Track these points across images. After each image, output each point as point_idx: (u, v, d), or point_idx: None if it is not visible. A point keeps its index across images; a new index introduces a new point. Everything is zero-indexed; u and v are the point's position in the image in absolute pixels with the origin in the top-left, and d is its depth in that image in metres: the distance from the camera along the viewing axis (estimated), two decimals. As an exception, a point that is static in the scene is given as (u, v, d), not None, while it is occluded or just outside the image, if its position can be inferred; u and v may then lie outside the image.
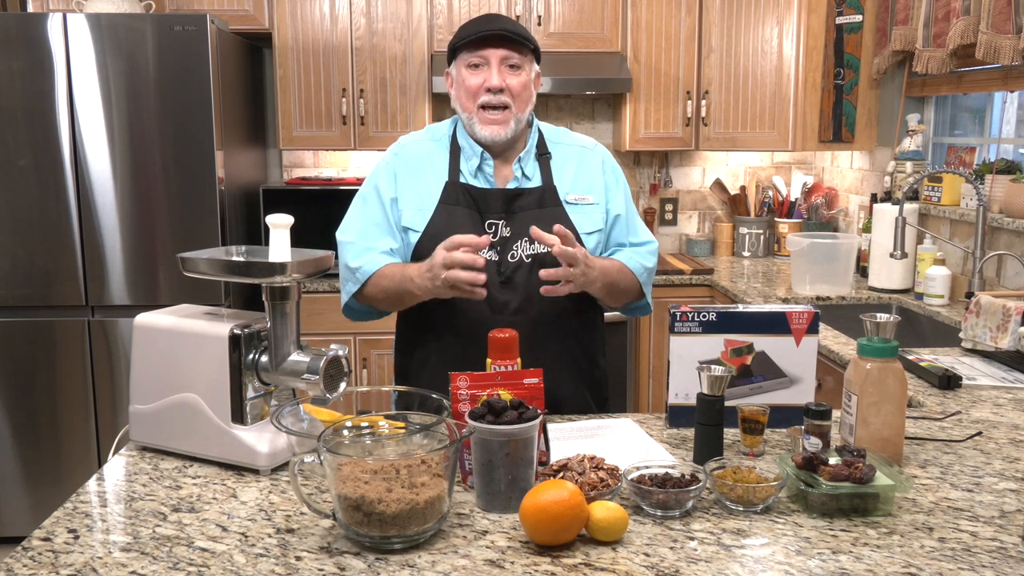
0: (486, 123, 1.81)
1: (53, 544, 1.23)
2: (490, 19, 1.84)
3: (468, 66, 1.82)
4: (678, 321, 1.66)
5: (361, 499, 1.17)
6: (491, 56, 1.79)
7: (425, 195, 1.85)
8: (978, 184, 2.84)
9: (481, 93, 1.80)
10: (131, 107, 3.20)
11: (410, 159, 1.89)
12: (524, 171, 1.86)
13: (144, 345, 1.55)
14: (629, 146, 3.91)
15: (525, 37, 1.82)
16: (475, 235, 1.67)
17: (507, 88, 1.79)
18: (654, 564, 1.16)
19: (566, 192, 1.87)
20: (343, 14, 3.71)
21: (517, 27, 1.83)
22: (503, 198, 1.83)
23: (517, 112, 1.82)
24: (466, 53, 1.81)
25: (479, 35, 1.79)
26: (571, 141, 1.95)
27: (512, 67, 1.81)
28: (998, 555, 1.19)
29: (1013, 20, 2.65)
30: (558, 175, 1.88)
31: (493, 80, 1.78)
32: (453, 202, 1.83)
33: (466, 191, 1.84)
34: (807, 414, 1.50)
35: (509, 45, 1.80)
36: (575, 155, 1.92)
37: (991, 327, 2.27)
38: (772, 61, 3.85)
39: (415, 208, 1.85)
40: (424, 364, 1.88)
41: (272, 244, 1.46)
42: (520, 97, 1.81)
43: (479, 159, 1.84)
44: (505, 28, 1.79)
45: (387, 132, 3.78)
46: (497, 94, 1.79)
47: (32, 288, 3.28)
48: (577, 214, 1.86)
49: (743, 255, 4.23)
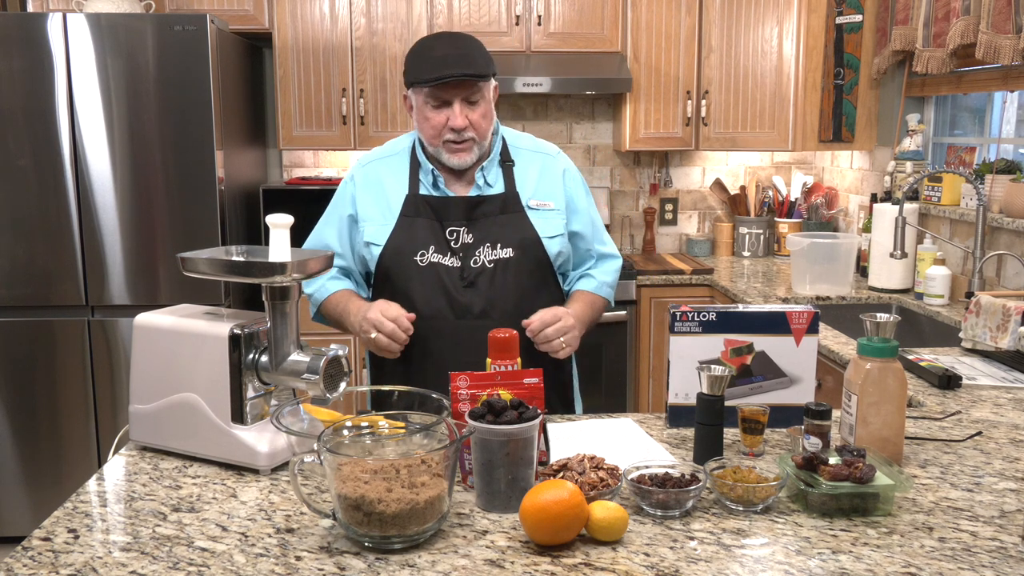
0: (452, 152, 1.87)
1: (53, 544, 1.23)
2: (448, 57, 1.80)
3: (429, 104, 1.83)
4: (678, 321, 1.66)
5: (361, 499, 1.17)
6: (452, 97, 1.81)
7: (386, 210, 1.91)
8: (978, 184, 2.84)
9: (446, 132, 1.84)
10: (131, 107, 3.20)
11: (369, 177, 1.96)
12: (487, 179, 1.91)
13: (144, 345, 1.55)
14: (629, 146, 3.91)
15: (483, 74, 1.81)
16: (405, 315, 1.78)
17: (470, 123, 1.83)
18: (654, 564, 1.16)
19: (528, 198, 1.92)
20: (343, 14, 3.71)
21: (475, 63, 1.81)
22: (464, 206, 1.89)
23: (480, 140, 1.87)
24: (426, 90, 1.82)
25: (440, 81, 1.78)
26: (534, 148, 2.00)
27: (472, 103, 1.83)
28: (998, 555, 1.19)
29: (1013, 20, 2.65)
30: (520, 181, 1.93)
31: (456, 121, 1.82)
32: (413, 214, 1.89)
33: (425, 202, 1.89)
34: (807, 414, 1.50)
35: (469, 84, 1.81)
36: (538, 162, 1.97)
37: (991, 327, 2.27)
38: (772, 61, 3.85)
39: (377, 224, 1.91)
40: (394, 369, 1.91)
41: (272, 244, 1.46)
42: (481, 126, 1.86)
43: (432, 176, 1.90)
44: (465, 72, 1.78)
45: (387, 132, 3.78)
46: (460, 132, 1.83)
47: (32, 288, 3.28)
48: (539, 219, 1.91)
49: (743, 255, 4.23)
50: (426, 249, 1.87)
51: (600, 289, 2.00)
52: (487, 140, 1.89)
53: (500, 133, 1.96)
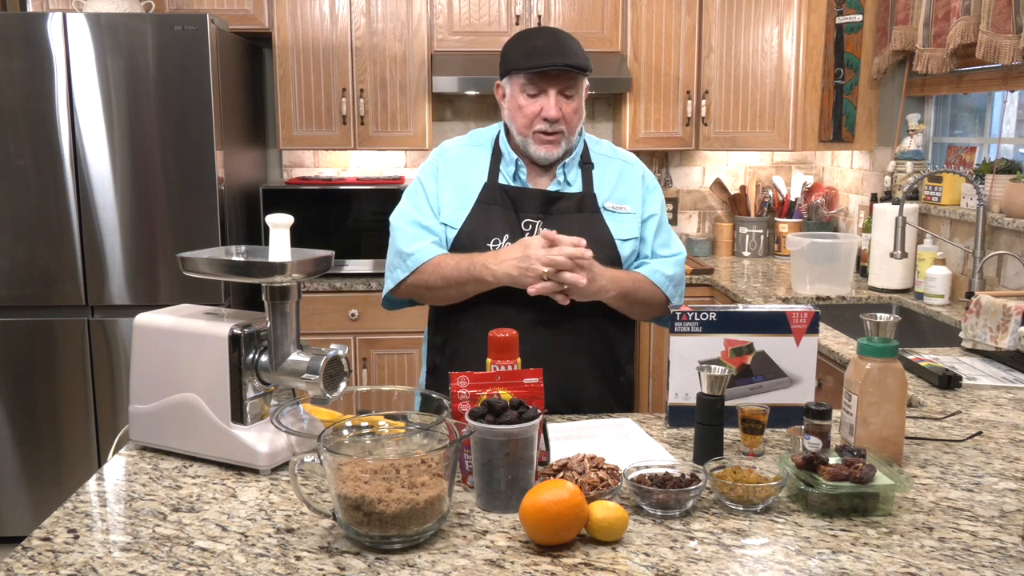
0: (540, 144, 1.87)
1: (53, 544, 1.23)
2: (550, 48, 1.82)
3: (525, 92, 1.84)
4: (678, 321, 1.66)
5: (361, 499, 1.17)
6: (550, 87, 1.83)
7: (464, 194, 1.90)
8: (978, 184, 2.84)
9: (538, 121, 1.84)
10: (131, 107, 3.20)
11: (452, 160, 1.95)
12: (567, 177, 1.91)
13: (144, 345, 1.55)
14: (629, 146, 3.90)
15: (583, 67, 1.83)
16: (576, 238, 1.74)
17: (563, 116, 1.84)
18: (654, 564, 1.16)
19: (604, 199, 1.92)
20: (343, 14, 3.71)
21: (576, 55, 1.83)
22: (541, 199, 1.89)
23: (569, 135, 1.88)
24: (523, 78, 1.83)
25: (540, 69, 1.80)
26: (614, 154, 2.01)
27: (567, 96, 1.85)
28: (998, 555, 1.19)
29: (1013, 20, 2.65)
30: (599, 184, 1.93)
31: (551, 112, 1.83)
32: (490, 201, 1.89)
33: (503, 191, 1.90)
34: (807, 414, 1.50)
35: (567, 76, 1.82)
36: (616, 168, 1.98)
37: (991, 327, 2.27)
38: (772, 61, 3.85)
39: (454, 206, 1.90)
40: (452, 360, 1.90)
41: (272, 244, 1.46)
42: (573, 121, 1.87)
43: (515, 166, 1.90)
44: (568, 63, 1.80)
45: (387, 132, 3.79)
46: (553, 123, 1.84)
47: (32, 288, 3.28)
48: (614, 221, 1.91)
49: (743, 255, 4.23)
50: (500, 237, 1.86)
51: (654, 275, 1.90)
52: (575, 136, 1.90)
53: (583, 136, 1.97)
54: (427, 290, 1.88)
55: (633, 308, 1.90)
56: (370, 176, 4.10)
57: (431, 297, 1.91)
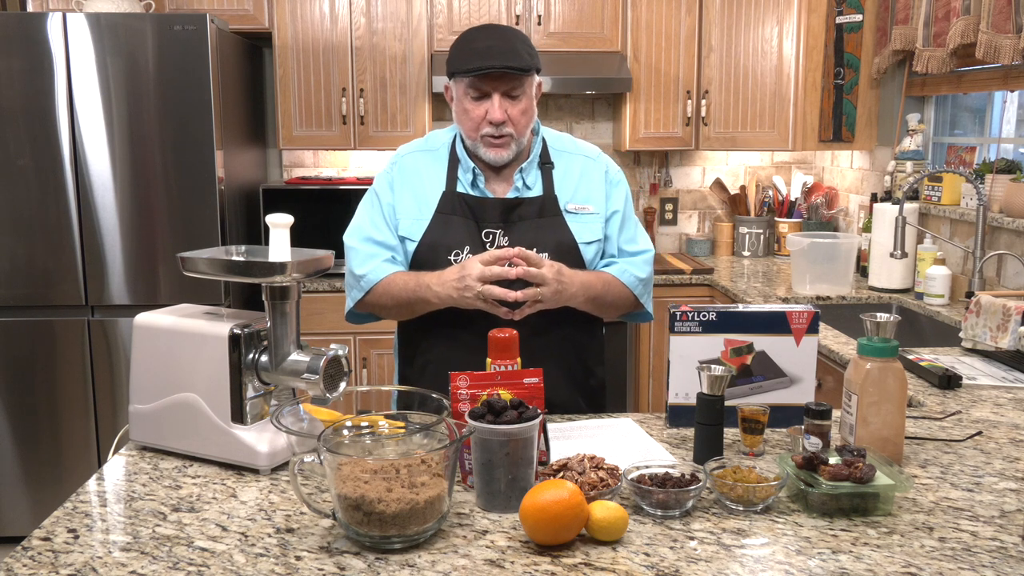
0: (489, 147, 1.82)
1: (53, 544, 1.23)
2: (491, 49, 1.77)
3: (469, 96, 1.80)
4: (678, 321, 1.66)
5: (361, 499, 1.17)
6: (492, 89, 1.78)
7: (422, 205, 1.86)
8: (978, 184, 2.84)
9: (484, 125, 1.80)
10: (131, 107, 3.20)
11: (408, 169, 1.90)
12: (525, 181, 1.86)
13: (144, 345, 1.55)
14: (629, 146, 3.91)
15: (525, 68, 1.78)
16: (508, 248, 1.71)
17: (508, 119, 1.79)
18: (654, 564, 1.16)
19: (566, 201, 1.87)
20: (343, 14, 3.71)
21: (518, 55, 1.77)
22: (501, 207, 1.84)
23: (518, 136, 1.82)
24: (466, 81, 1.79)
25: (480, 72, 1.75)
26: (575, 150, 1.95)
27: (513, 97, 1.80)
28: (998, 555, 1.19)
29: (1013, 20, 2.65)
30: (560, 184, 1.88)
31: (496, 115, 1.78)
32: (449, 211, 1.84)
33: (462, 200, 1.84)
34: (807, 414, 1.50)
35: (511, 77, 1.77)
36: (579, 165, 1.92)
37: (991, 327, 2.27)
38: (772, 61, 3.85)
39: (412, 217, 1.86)
40: (423, 370, 1.89)
41: (272, 244, 1.46)
42: (520, 123, 1.81)
43: (472, 174, 1.86)
44: (507, 64, 1.75)
45: (387, 132, 3.79)
46: (499, 126, 1.79)
47: (32, 288, 3.28)
48: (576, 223, 1.86)
49: (743, 255, 4.23)
50: (461, 249, 1.82)
51: (624, 275, 1.88)
52: (525, 137, 1.85)
53: (541, 134, 1.92)
54: (381, 309, 1.88)
55: (602, 310, 1.89)
56: (370, 176, 4.10)
57: (388, 315, 1.90)
